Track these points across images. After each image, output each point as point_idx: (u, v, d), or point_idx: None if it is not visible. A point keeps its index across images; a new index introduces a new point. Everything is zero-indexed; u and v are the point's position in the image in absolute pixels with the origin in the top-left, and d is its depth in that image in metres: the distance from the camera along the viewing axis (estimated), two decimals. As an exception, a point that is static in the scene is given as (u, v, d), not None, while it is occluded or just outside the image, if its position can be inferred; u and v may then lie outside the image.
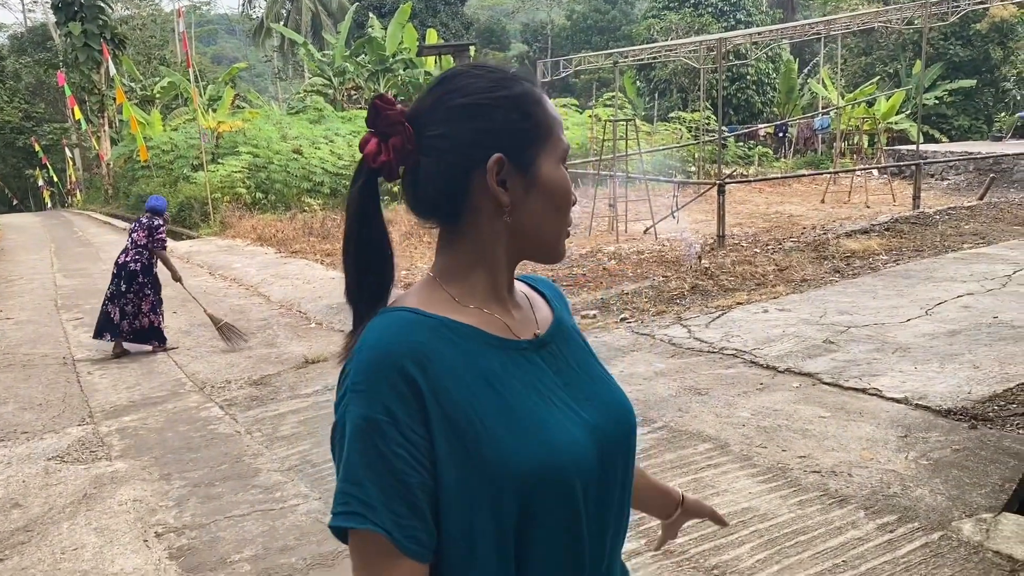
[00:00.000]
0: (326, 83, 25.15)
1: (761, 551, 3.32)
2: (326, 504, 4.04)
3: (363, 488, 0.91)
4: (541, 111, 1.04)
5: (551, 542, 0.98)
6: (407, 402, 0.92)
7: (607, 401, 1.08)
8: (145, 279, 7.24)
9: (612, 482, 1.05)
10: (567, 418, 1.01)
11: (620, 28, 37.58)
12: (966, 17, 23.12)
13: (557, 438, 0.98)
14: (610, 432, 1.05)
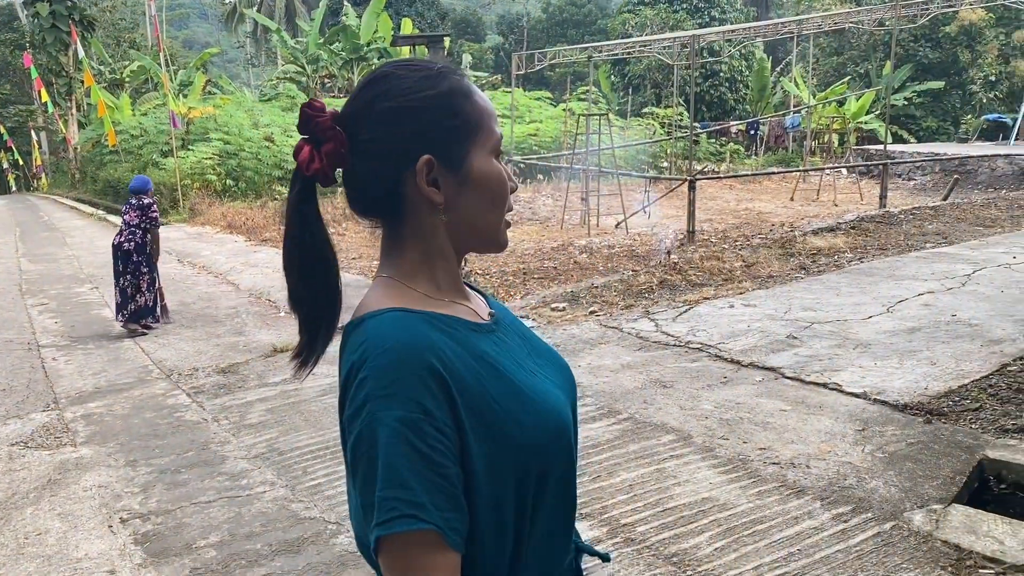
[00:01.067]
0: (299, 71, 24.97)
1: (720, 540, 3.40)
2: (292, 492, 4.06)
3: (410, 490, 0.92)
4: (470, 105, 1.06)
5: (557, 497, 1.06)
6: (437, 397, 0.95)
7: (559, 364, 1.17)
8: (140, 258, 7.38)
9: (577, 434, 1.14)
10: (549, 384, 1.10)
11: (596, 22, 37.66)
12: (936, 20, 23.48)
13: (554, 404, 1.06)
14: (570, 390, 1.15)
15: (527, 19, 41.39)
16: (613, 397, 5.16)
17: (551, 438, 1.03)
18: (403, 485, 0.91)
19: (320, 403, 5.34)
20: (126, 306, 7.39)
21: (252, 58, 43.81)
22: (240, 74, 51.04)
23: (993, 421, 4.44)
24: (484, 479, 0.97)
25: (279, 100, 22.11)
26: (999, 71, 26.99)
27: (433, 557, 0.92)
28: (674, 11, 28.71)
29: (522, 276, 9.12)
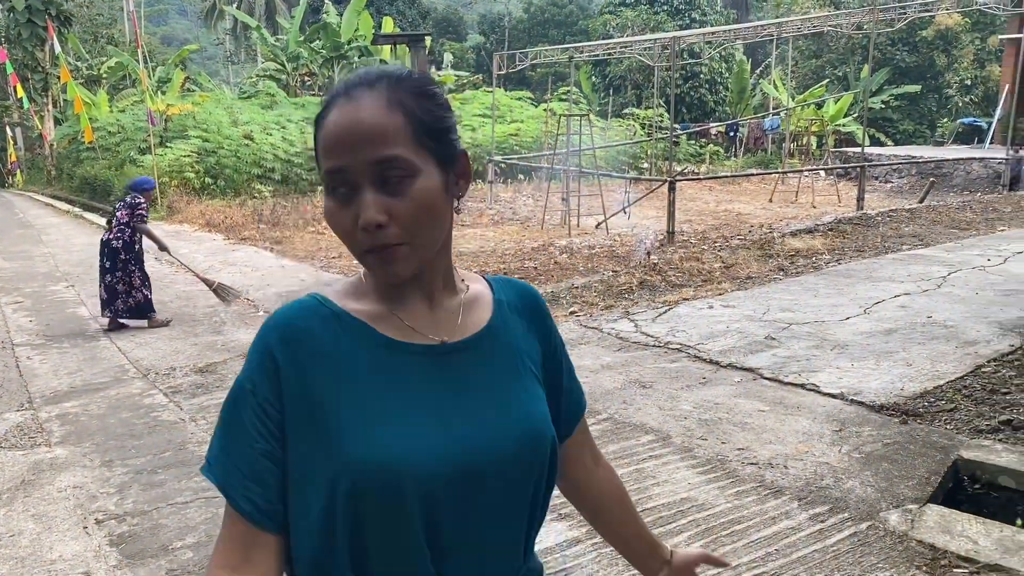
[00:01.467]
0: (279, 68, 24.83)
1: (698, 540, 3.42)
2: (271, 492, 4.03)
3: (212, 444, 1.05)
4: (318, 132, 1.05)
5: (382, 540, 1.01)
6: (268, 377, 1.02)
7: (494, 422, 1.07)
8: (128, 256, 7.39)
9: (480, 502, 1.05)
10: (426, 426, 1.03)
11: (577, 23, 37.73)
12: (913, 24, 23.74)
13: (397, 440, 1.00)
14: (482, 451, 1.05)
15: (508, 19, 41.40)
16: (593, 397, 5.17)
17: (367, 465, 0.98)
18: (214, 438, 1.05)
19: (299, 403, 5.31)
20: (112, 303, 7.37)
21: (231, 55, 43.51)
22: (219, 71, 50.67)
23: (967, 422, 4.49)
24: (296, 475, 1.02)
25: (259, 98, 21.95)
26: (974, 75, 27.31)
27: (228, 518, 1.02)
28: (655, 12, 28.83)
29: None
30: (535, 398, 1.13)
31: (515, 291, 1.21)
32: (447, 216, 1.07)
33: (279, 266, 10.11)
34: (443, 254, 1.11)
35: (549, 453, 1.11)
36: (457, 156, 1.07)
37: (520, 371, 1.13)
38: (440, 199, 1.04)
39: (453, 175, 1.07)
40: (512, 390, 1.11)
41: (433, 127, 1.04)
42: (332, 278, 9.25)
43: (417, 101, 1.04)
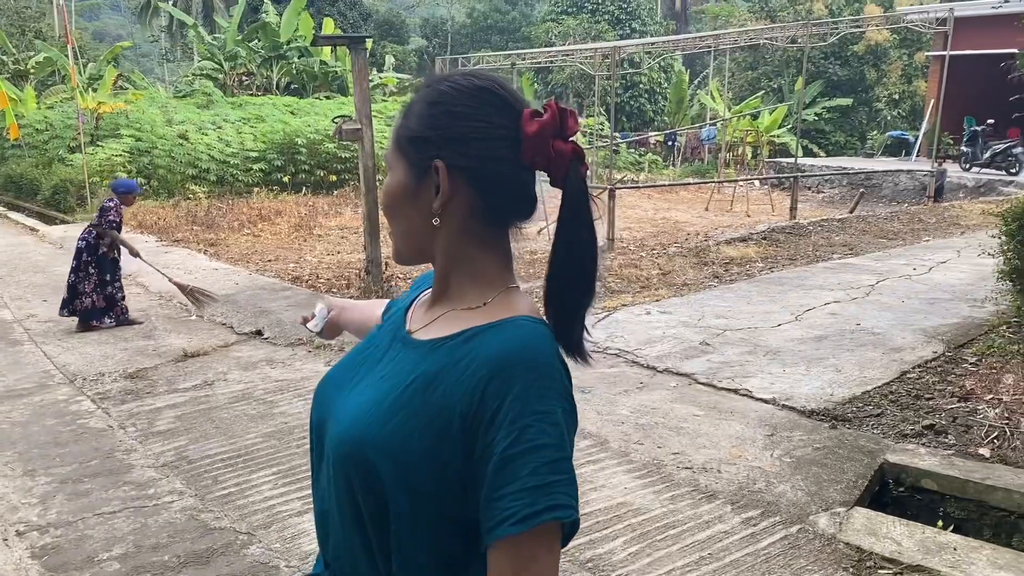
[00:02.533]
0: (216, 67, 24.34)
1: (634, 544, 3.46)
2: (202, 501, 3.95)
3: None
4: None
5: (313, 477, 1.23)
6: None
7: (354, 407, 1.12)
8: (89, 257, 7.23)
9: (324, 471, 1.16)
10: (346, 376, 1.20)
11: (519, 29, 37.89)
12: (845, 39, 24.46)
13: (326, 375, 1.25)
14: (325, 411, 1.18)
15: (451, 23, 41.38)
16: (532, 403, 5.18)
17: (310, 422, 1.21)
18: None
19: (232, 410, 5.21)
20: (70, 303, 7.25)
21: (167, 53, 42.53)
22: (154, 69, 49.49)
23: (893, 426, 4.64)
24: None
25: (195, 97, 21.46)
26: (902, 90, 28.26)
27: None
28: (596, 22, 29.14)
29: (443, 281, 9.09)
30: (392, 425, 1.05)
31: (493, 349, 1.05)
32: (413, 219, 1.13)
33: (213, 268, 9.89)
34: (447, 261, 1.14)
35: (362, 477, 1.05)
36: (430, 167, 1.10)
37: (412, 403, 1.06)
38: (400, 199, 1.13)
39: (432, 183, 1.10)
40: (385, 399, 1.08)
41: (411, 135, 1.12)
42: (268, 282, 9.11)
43: (419, 107, 1.13)
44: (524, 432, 0.99)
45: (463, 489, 1.03)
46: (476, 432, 1.01)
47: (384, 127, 19.60)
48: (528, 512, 0.96)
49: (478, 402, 1.01)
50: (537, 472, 0.98)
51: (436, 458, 1.03)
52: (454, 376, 1.05)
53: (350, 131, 7.99)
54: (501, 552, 0.98)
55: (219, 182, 16.87)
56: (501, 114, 1.10)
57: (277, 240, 12.26)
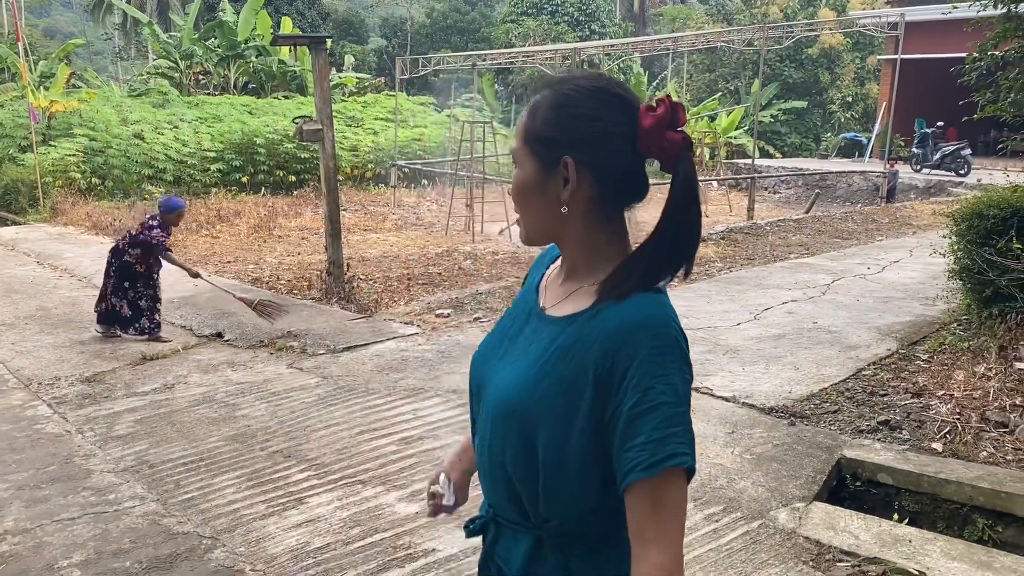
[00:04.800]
0: (172, 66, 23.96)
1: (599, 542, 3.49)
2: (164, 506, 3.90)
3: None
4: None
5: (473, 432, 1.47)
6: None
7: (503, 375, 1.34)
8: (114, 260, 6.98)
9: (483, 432, 1.37)
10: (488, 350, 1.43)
11: (479, 30, 37.86)
12: (800, 42, 24.89)
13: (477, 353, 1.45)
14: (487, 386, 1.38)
15: (411, 23, 41.19)
16: (496, 403, 5.21)
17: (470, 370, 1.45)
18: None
19: (193, 413, 5.15)
20: (99, 304, 7.03)
21: (121, 51, 41.70)
22: (108, 67, 48.49)
23: (850, 422, 4.75)
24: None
25: (150, 96, 21.09)
26: (855, 92, 28.83)
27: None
28: (556, 23, 29.26)
29: (406, 282, 9.07)
30: (539, 389, 1.26)
31: (620, 320, 1.23)
32: (542, 208, 1.31)
33: (172, 270, 9.74)
34: (568, 243, 1.34)
35: (518, 432, 1.27)
36: (559, 163, 1.27)
37: (554, 371, 1.26)
38: (530, 191, 1.32)
39: (560, 176, 1.28)
40: (532, 367, 1.29)
41: (540, 133, 1.30)
42: (228, 283, 9.00)
43: (543, 109, 1.30)
44: (647, 394, 1.18)
45: (598, 443, 1.23)
46: (607, 395, 1.21)
47: (344, 127, 19.52)
48: (652, 461, 1.16)
49: (608, 368, 1.21)
50: (658, 427, 1.17)
51: (574, 417, 1.23)
52: (586, 347, 1.24)
53: (311, 131, 7.94)
54: (636, 495, 1.19)
55: (176, 182, 16.62)
56: (619, 112, 1.27)
57: (236, 241, 12.12)
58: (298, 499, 3.95)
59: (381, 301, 8.12)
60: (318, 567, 3.34)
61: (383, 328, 7.08)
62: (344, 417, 5.02)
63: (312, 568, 3.33)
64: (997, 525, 3.76)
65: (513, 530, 1.37)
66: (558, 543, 1.32)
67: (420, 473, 4.21)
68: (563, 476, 1.25)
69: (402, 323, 7.24)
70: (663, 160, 1.29)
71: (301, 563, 3.37)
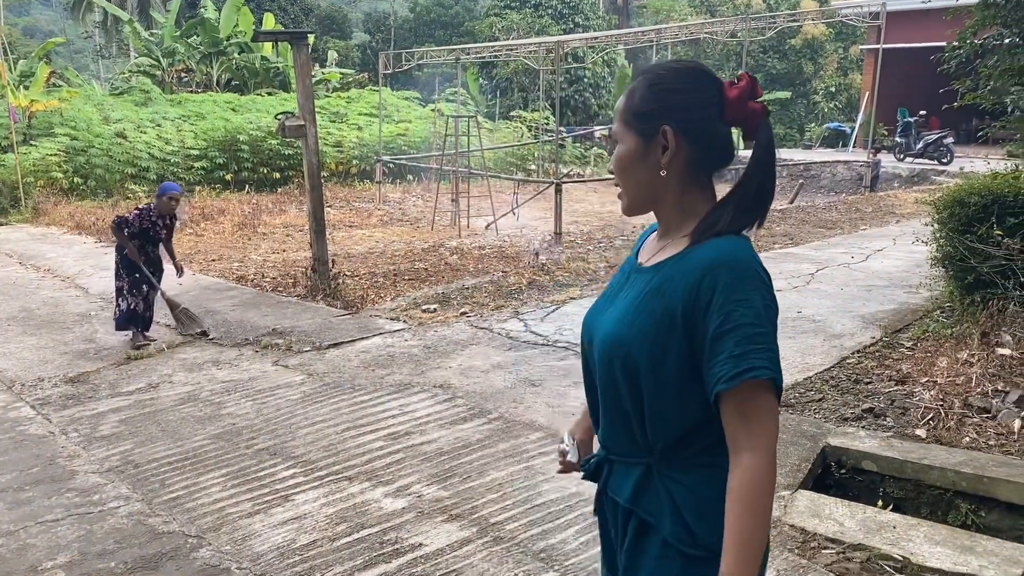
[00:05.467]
0: (154, 64, 23.79)
1: (585, 533, 3.50)
2: (149, 506, 3.88)
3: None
4: None
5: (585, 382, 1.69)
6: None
7: (608, 321, 1.55)
8: (118, 256, 6.70)
9: (598, 372, 1.56)
10: (595, 307, 1.65)
11: (463, 24, 37.73)
12: (782, 33, 24.94)
13: (589, 312, 1.66)
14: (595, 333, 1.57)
15: (394, 18, 41.03)
16: (484, 397, 5.21)
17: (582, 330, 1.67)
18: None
19: (178, 412, 5.12)
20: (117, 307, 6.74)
21: (102, 49, 41.34)
22: (89, 66, 48.07)
23: (834, 411, 4.77)
24: None
25: (132, 94, 20.92)
26: (838, 83, 28.93)
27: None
28: (539, 16, 29.19)
29: (392, 277, 9.05)
30: (636, 325, 1.47)
31: (704, 256, 1.44)
32: (643, 175, 1.53)
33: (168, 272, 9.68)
34: (665, 205, 1.55)
35: (621, 365, 1.48)
36: (656, 132, 1.49)
37: (647, 306, 1.48)
38: (633, 162, 1.53)
39: (658, 145, 1.49)
40: (630, 308, 1.51)
41: (639, 110, 1.51)
42: (213, 282, 8.96)
43: (640, 90, 1.53)
44: (729, 316, 1.37)
45: (692, 366, 1.43)
46: (695, 321, 1.41)
47: (328, 123, 19.42)
48: (732, 374, 1.36)
49: (693, 299, 1.41)
50: (739, 344, 1.36)
51: (669, 344, 1.43)
52: (674, 284, 1.45)
53: (293, 127, 7.90)
54: (725, 407, 1.40)
55: (159, 181, 16.48)
56: (708, 85, 1.50)
57: (221, 239, 12.06)
58: (284, 496, 3.94)
59: (367, 297, 8.09)
60: (304, 564, 3.34)
61: (369, 324, 7.06)
62: (330, 414, 5.01)
63: (298, 565, 3.33)
64: (980, 510, 3.79)
65: (624, 464, 1.56)
66: (663, 469, 1.50)
67: (407, 468, 4.21)
68: (664, 397, 1.45)
69: (388, 319, 7.22)
70: (746, 126, 1.51)
71: (287, 560, 3.37)
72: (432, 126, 19.66)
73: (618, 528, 1.60)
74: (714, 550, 1.42)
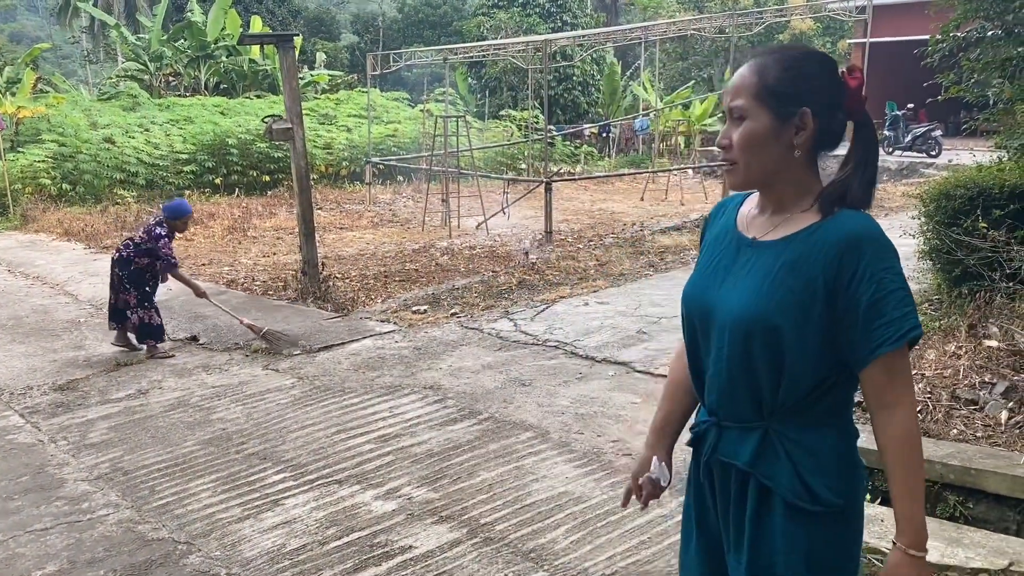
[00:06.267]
0: (141, 68, 23.70)
1: (575, 533, 3.51)
2: (139, 513, 3.88)
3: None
4: None
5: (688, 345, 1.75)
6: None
7: (730, 295, 1.61)
8: (123, 273, 6.48)
9: (706, 339, 1.66)
10: (703, 280, 1.70)
11: (451, 23, 37.71)
12: (770, 28, 24.99)
13: (690, 283, 1.73)
14: (713, 307, 1.64)
15: (382, 19, 40.99)
16: (474, 398, 5.22)
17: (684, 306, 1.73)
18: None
19: (168, 418, 5.11)
20: (113, 318, 6.59)
21: (89, 54, 41.18)
22: (76, 71, 47.89)
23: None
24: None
25: (120, 99, 20.83)
26: (827, 78, 28.99)
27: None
28: (527, 15, 29.18)
29: (383, 279, 9.05)
30: (775, 299, 1.55)
31: (840, 231, 1.54)
32: (772, 152, 1.59)
33: (146, 275, 9.66)
34: (784, 181, 1.62)
35: (761, 337, 1.55)
36: (798, 113, 1.57)
37: (785, 281, 1.55)
38: (762, 139, 1.58)
39: (793, 126, 1.57)
40: (764, 282, 1.57)
41: (775, 90, 1.57)
42: (203, 286, 8.92)
43: (774, 70, 1.59)
44: (882, 283, 1.49)
45: (830, 333, 1.53)
46: (837, 292, 1.51)
47: (317, 125, 19.39)
48: (899, 334, 1.48)
49: (836, 270, 1.51)
50: (898, 307, 1.48)
51: (810, 314, 1.52)
52: (812, 258, 1.53)
53: (280, 130, 7.89)
54: (878, 367, 1.51)
55: (149, 186, 16.45)
56: (833, 74, 1.61)
57: (211, 243, 12.03)
58: (274, 501, 3.94)
59: (357, 299, 8.09)
60: (294, 568, 3.33)
61: (359, 326, 7.05)
62: (320, 417, 5.00)
63: (288, 570, 3.33)
64: (968, 501, 3.81)
65: (739, 429, 1.62)
66: (781, 430, 1.58)
67: (397, 471, 4.21)
68: (803, 362, 1.54)
69: (379, 321, 7.22)
70: (855, 113, 1.64)
71: (277, 565, 3.36)
72: (421, 126, 19.64)
73: (730, 494, 1.66)
74: (833, 505, 1.55)
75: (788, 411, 1.58)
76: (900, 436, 1.52)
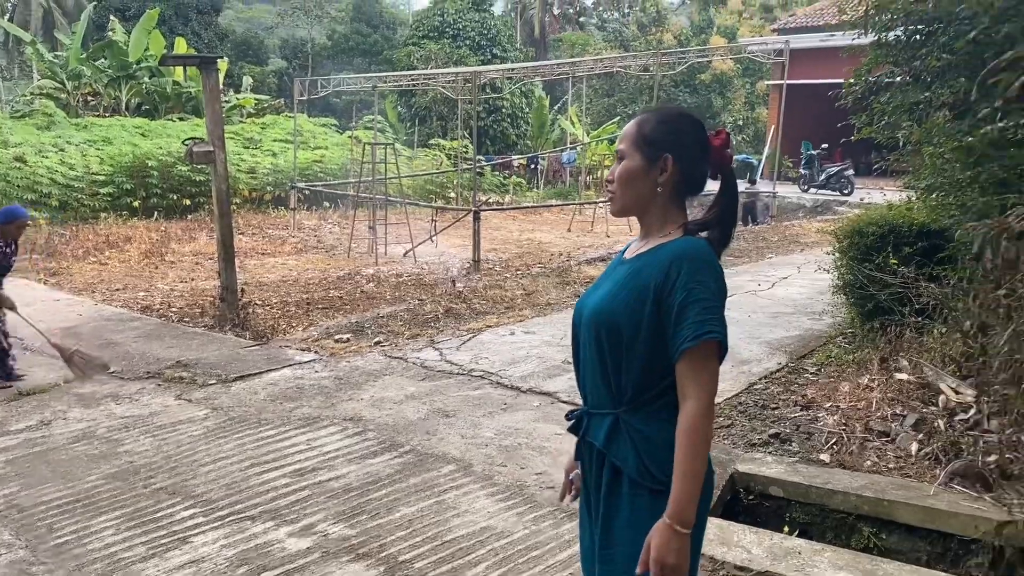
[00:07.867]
0: (58, 87, 22.91)
1: (497, 569, 3.44)
2: (34, 553, 3.65)
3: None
4: None
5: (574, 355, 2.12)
6: None
7: (596, 300, 2.00)
8: None
9: (585, 342, 2.01)
10: (589, 292, 2.08)
11: (382, 52, 37.67)
12: (693, 68, 25.74)
13: (581, 303, 2.08)
14: (585, 311, 2.02)
15: (311, 45, 40.67)
16: (396, 430, 5.11)
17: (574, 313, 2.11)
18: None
19: (71, 451, 4.86)
20: None
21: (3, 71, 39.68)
22: (-13, 87, 46.01)
23: (743, 436, 4.85)
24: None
25: (34, 117, 20.06)
26: (746, 116, 29.96)
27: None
28: (457, 47, 29.37)
29: (305, 307, 8.86)
30: (618, 298, 1.92)
31: (672, 249, 1.90)
32: (641, 187, 1.97)
33: (54, 299, 9.25)
34: (651, 213, 1.99)
35: (606, 330, 1.92)
36: (660, 158, 1.95)
37: (628, 285, 1.93)
38: (634, 176, 1.97)
39: (658, 168, 1.95)
40: (614, 287, 1.96)
41: (648, 137, 1.96)
42: (116, 312, 8.60)
43: (651, 123, 1.98)
44: (691, 292, 1.82)
45: (659, 331, 1.86)
46: (663, 296, 1.85)
47: (242, 149, 19.04)
48: (696, 333, 1.80)
49: (663, 279, 1.86)
50: (699, 313, 1.80)
51: (642, 314, 1.88)
52: (650, 268, 1.90)
53: (202, 153, 7.70)
54: (683, 363, 1.83)
55: (62, 207, 15.84)
56: (702, 132, 1.99)
57: (126, 268, 11.63)
58: (182, 539, 3.76)
59: (278, 327, 7.89)
60: (201, 610, 3.17)
61: (278, 355, 6.87)
62: (234, 450, 4.82)
63: (195, 612, 3.16)
64: (881, 532, 3.89)
65: (600, 416, 1.97)
66: (628, 419, 1.92)
67: (313, 506, 4.07)
68: (638, 355, 1.88)
69: (299, 349, 7.05)
70: (718, 168, 2.01)
71: (183, 607, 3.20)
72: (350, 153, 19.47)
73: (593, 472, 2.01)
74: (666, 483, 1.83)
75: (634, 403, 1.91)
76: (686, 426, 1.80)
